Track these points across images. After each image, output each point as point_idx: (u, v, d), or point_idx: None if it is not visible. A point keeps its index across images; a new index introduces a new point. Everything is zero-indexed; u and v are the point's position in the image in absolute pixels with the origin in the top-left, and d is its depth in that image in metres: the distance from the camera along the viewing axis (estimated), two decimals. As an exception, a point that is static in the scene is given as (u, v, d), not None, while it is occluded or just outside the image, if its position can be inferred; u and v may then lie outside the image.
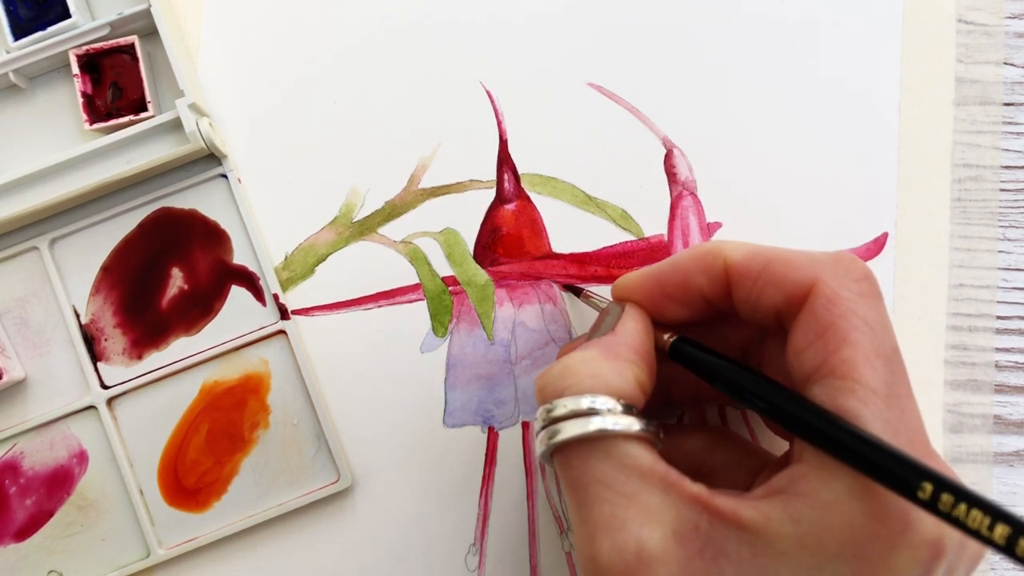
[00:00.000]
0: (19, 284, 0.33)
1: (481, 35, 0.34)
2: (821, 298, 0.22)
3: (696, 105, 0.33)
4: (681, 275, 0.25)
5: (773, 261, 0.24)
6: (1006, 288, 0.32)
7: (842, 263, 0.23)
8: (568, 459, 0.23)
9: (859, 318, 0.22)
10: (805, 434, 0.22)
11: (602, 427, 0.22)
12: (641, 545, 0.21)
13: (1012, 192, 0.33)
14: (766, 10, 0.33)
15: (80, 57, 0.32)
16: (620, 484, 0.22)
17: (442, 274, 0.33)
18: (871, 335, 0.22)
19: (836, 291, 0.22)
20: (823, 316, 0.22)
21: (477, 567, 0.32)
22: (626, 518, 0.21)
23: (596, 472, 0.22)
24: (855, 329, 0.22)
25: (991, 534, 0.18)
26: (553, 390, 0.23)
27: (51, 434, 0.33)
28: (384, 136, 0.34)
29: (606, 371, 0.23)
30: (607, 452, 0.22)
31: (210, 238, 0.33)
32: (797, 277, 0.23)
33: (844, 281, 0.23)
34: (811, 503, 0.21)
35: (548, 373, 0.24)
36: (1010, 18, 0.33)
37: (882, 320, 0.22)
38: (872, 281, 0.23)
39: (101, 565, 0.32)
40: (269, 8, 0.34)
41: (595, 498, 0.22)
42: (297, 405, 0.32)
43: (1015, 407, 0.32)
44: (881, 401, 0.21)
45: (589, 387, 0.23)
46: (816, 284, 0.23)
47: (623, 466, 0.22)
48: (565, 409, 0.23)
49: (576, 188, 0.33)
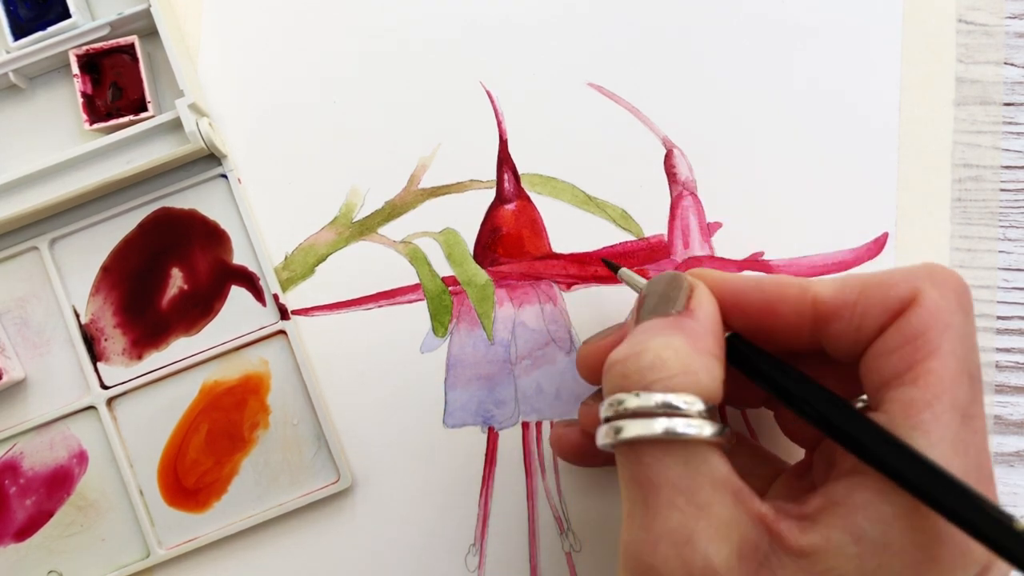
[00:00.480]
0: (19, 284, 0.33)
1: (481, 35, 0.34)
2: (920, 307, 0.21)
3: (696, 105, 0.33)
4: (764, 301, 0.24)
5: (867, 285, 0.23)
6: (1006, 288, 0.32)
7: (940, 274, 0.22)
8: (640, 455, 0.21)
9: (953, 331, 0.21)
10: (866, 455, 0.21)
11: (680, 430, 0.21)
12: (708, 561, 0.20)
13: (1012, 192, 0.33)
14: (766, 10, 0.33)
15: (80, 57, 0.32)
16: (693, 493, 0.21)
17: (442, 274, 0.33)
18: (961, 349, 0.21)
19: (937, 301, 0.21)
20: (917, 323, 0.21)
21: (477, 567, 0.32)
22: (695, 530, 0.20)
23: (670, 475, 0.21)
24: (947, 341, 0.21)
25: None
26: (639, 381, 0.21)
27: (51, 434, 0.33)
28: (384, 136, 0.34)
29: (698, 367, 0.22)
30: (685, 457, 0.21)
31: (210, 238, 0.33)
32: (898, 292, 0.22)
33: (944, 291, 0.22)
34: (871, 521, 0.20)
35: (633, 359, 0.22)
36: (1010, 18, 0.33)
37: (972, 336, 0.22)
38: (969, 294, 0.22)
39: (101, 565, 0.32)
40: (269, 8, 0.34)
41: (665, 503, 0.21)
42: (297, 405, 0.32)
43: (1015, 407, 0.32)
44: (957, 420, 0.20)
45: (679, 384, 0.21)
46: (918, 294, 0.22)
47: (699, 474, 0.21)
48: (651, 403, 0.21)
49: (576, 188, 0.33)
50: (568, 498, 0.32)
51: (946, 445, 0.20)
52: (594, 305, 0.33)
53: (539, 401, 0.32)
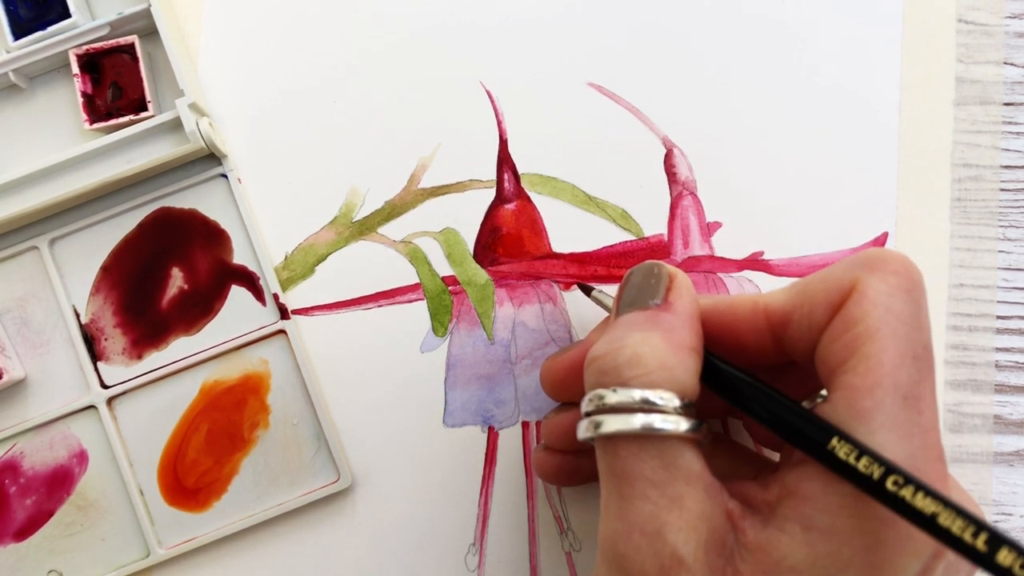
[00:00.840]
0: (19, 284, 0.33)
1: (481, 35, 0.34)
2: (858, 294, 0.22)
3: (696, 105, 0.33)
4: (721, 323, 0.24)
5: (810, 284, 0.23)
6: (1006, 288, 0.32)
7: (879, 258, 0.22)
8: (616, 448, 0.22)
9: (892, 314, 0.21)
10: (802, 444, 0.21)
11: (656, 425, 0.21)
12: (676, 551, 0.21)
13: (1012, 192, 0.33)
14: (766, 10, 0.33)
15: (80, 57, 0.32)
16: (666, 485, 0.21)
17: (442, 274, 0.33)
18: (903, 331, 0.21)
19: (875, 286, 0.21)
20: (856, 311, 0.21)
21: (477, 567, 0.32)
22: (666, 521, 0.21)
23: (645, 469, 0.22)
24: (885, 324, 0.21)
25: (974, 541, 0.18)
26: (616, 378, 0.22)
27: (51, 434, 0.33)
28: (384, 136, 0.34)
29: (674, 363, 0.22)
30: (660, 451, 0.22)
31: (210, 238, 0.33)
32: (838, 284, 0.22)
33: (882, 275, 0.22)
34: (818, 510, 0.21)
35: (611, 355, 0.22)
36: (1010, 18, 0.33)
37: (917, 315, 0.22)
38: (911, 274, 0.22)
39: (101, 565, 0.32)
40: (269, 8, 0.34)
41: (638, 495, 0.21)
42: (297, 405, 0.32)
43: (1015, 407, 0.32)
44: (898, 403, 0.20)
45: (656, 381, 0.22)
46: (857, 282, 0.22)
47: (673, 467, 0.21)
48: (622, 399, 0.22)
49: (576, 188, 0.33)
50: (568, 498, 0.32)
51: (887, 430, 0.20)
52: (594, 305, 0.33)
53: (539, 401, 0.32)
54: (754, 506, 0.22)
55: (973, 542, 0.18)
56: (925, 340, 0.22)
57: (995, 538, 0.18)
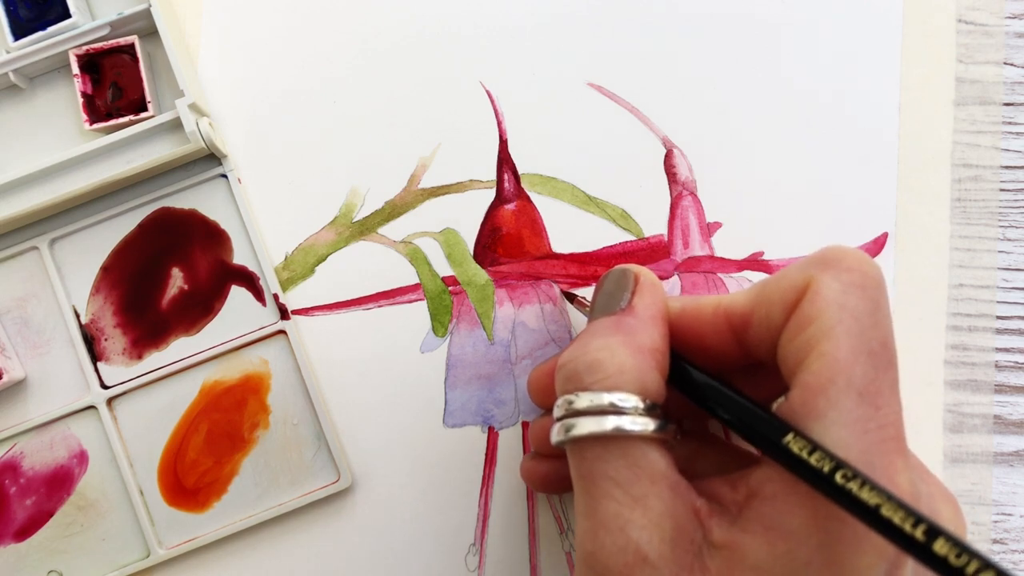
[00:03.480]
0: (19, 284, 0.33)
1: (481, 35, 0.34)
2: (811, 292, 0.22)
3: (696, 105, 0.33)
4: (686, 326, 0.25)
5: (766, 285, 0.23)
6: (1006, 288, 0.32)
7: (834, 256, 0.22)
8: (583, 451, 0.23)
9: (846, 311, 0.21)
10: (762, 445, 0.22)
11: (620, 426, 0.22)
12: (639, 548, 0.21)
13: (1012, 192, 0.33)
14: (766, 10, 0.33)
15: (80, 57, 0.32)
16: (630, 485, 0.22)
17: (442, 274, 0.33)
18: (857, 328, 0.21)
19: (828, 283, 0.22)
20: (810, 309, 0.22)
21: (477, 567, 0.32)
22: (630, 519, 0.21)
23: (608, 469, 0.22)
24: (839, 323, 0.21)
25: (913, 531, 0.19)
26: (578, 382, 0.23)
27: (51, 434, 0.33)
28: (384, 136, 0.34)
29: (632, 366, 0.23)
30: (623, 451, 0.22)
31: (210, 238, 0.33)
32: (792, 283, 0.22)
33: (835, 272, 0.22)
34: (778, 510, 0.21)
35: (573, 362, 0.23)
36: (1010, 18, 0.33)
37: (873, 311, 0.22)
38: (866, 270, 0.22)
39: (101, 565, 0.32)
40: (269, 8, 0.34)
41: (603, 494, 0.22)
42: (297, 405, 0.32)
43: (1015, 407, 0.32)
44: (852, 399, 0.21)
45: (615, 384, 0.22)
46: (810, 281, 0.22)
47: (637, 467, 0.22)
48: (587, 403, 0.22)
49: (576, 188, 0.33)
50: (568, 499, 0.32)
51: (841, 426, 0.20)
52: (594, 305, 0.33)
53: (539, 401, 0.32)
54: (723, 504, 0.22)
55: (912, 532, 0.19)
56: (882, 336, 0.22)
57: (932, 529, 0.18)
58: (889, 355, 0.22)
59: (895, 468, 0.21)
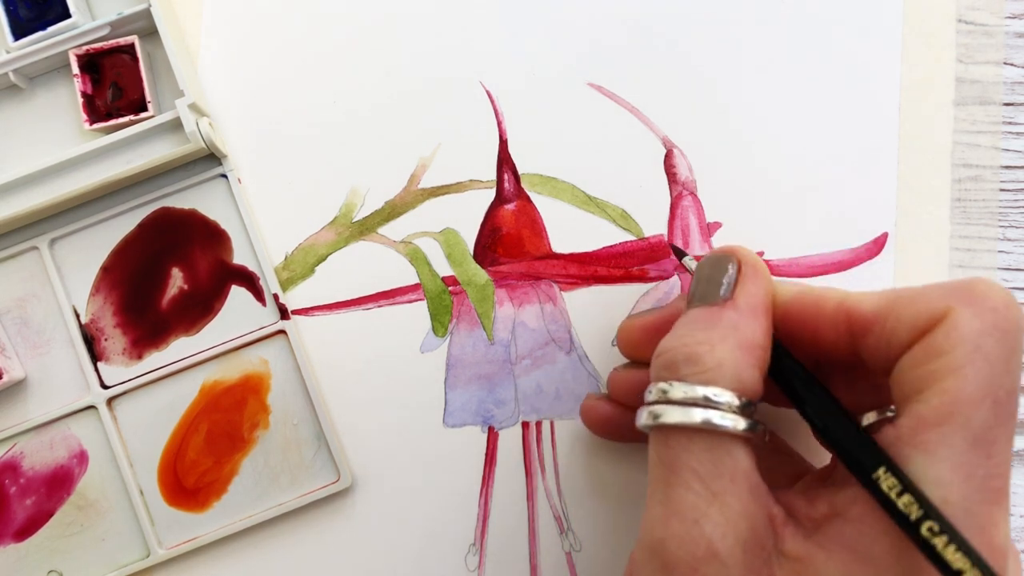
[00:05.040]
0: (19, 284, 0.33)
1: (481, 35, 0.34)
2: (947, 325, 0.21)
3: (696, 105, 0.33)
4: (804, 313, 0.24)
5: (900, 300, 0.22)
6: (1006, 288, 0.32)
7: (979, 290, 0.21)
8: (667, 438, 0.22)
9: (981, 353, 0.20)
10: (852, 469, 0.22)
11: (709, 420, 0.22)
12: (712, 544, 0.21)
13: (1012, 192, 0.33)
14: (766, 10, 0.33)
15: (80, 57, 0.32)
16: (711, 479, 0.22)
17: (442, 274, 0.33)
18: (988, 373, 0.20)
19: (968, 321, 0.21)
20: (943, 342, 0.21)
21: (477, 567, 0.32)
22: (707, 513, 0.21)
23: (691, 460, 0.22)
24: (971, 363, 0.20)
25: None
26: (674, 372, 0.23)
27: (51, 434, 0.33)
28: (384, 136, 0.34)
29: (731, 362, 0.22)
30: (709, 445, 0.22)
31: (210, 238, 0.33)
32: (928, 309, 0.21)
33: (979, 310, 0.21)
34: (862, 534, 0.21)
35: (672, 352, 0.23)
36: (1010, 18, 0.33)
37: (1008, 358, 0.21)
38: (1011, 312, 0.21)
39: (101, 565, 0.32)
40: (269, 8, 0.34)
41: (682, 483, 0.22)
42: (297, 405, 0.32)
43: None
44: (966, 442, 0.20)
45: (711, 379, 0.22)
46: (949, 312, 0.21)
47: (720, 463, 0.22)
48: (681, 394, 0.22)
49: (576, 188, 0.33)
50: (568, 498, 0.32)
51: (947, 466, 0.20)
52: (594, 305, 0.33)
53: (539, 401, 0.32)
54: (797, 517, 0.22)
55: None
56: (1011, 385, 0.21)
57: None
58: (1013, 406, 0.21)
59: (993, 521, 0.20)
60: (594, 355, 0.32)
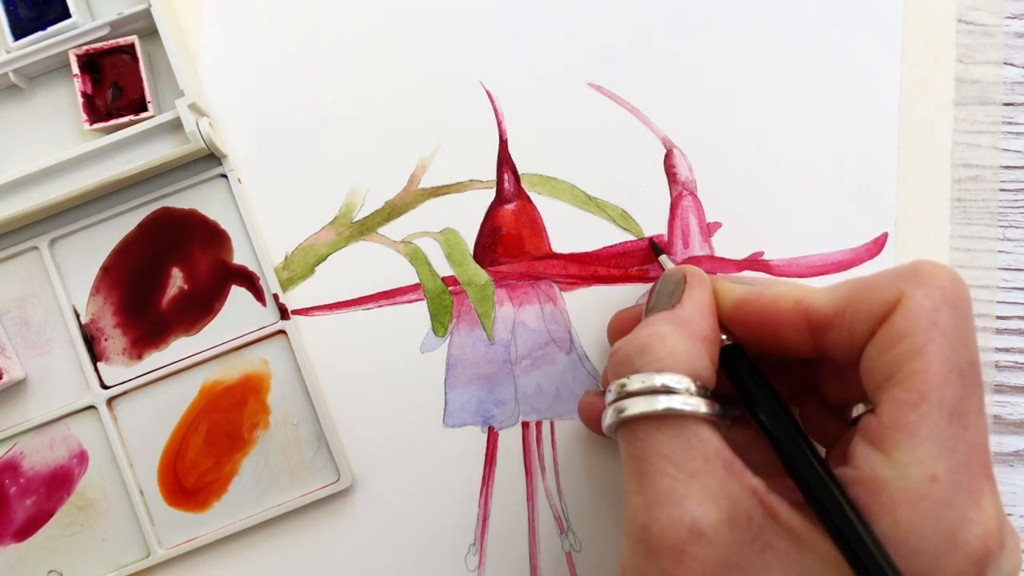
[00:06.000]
0: (19, 284, 0.33)
1: (481, 35, 0.34)
2: (903, 308, 0.22)
3: (696, 105, 0.33)
4: (762, 314, 0.25)
5: (855, 291, 0.23)
6: (1006, 288, 0.32)
7: (926, 272, 0.22)
8: (635, 432, 0.23)
9: (938, 329, 0.21)
10: (810, 502, 0.22)
11: (672, 406, 0.22)
12: (696, 521, 0.21)
13: (1012, 192, 0.33)
14: (766, 10, 0.33)
15: (80, 57, 0.32)
16: (684, 462, 0.22)
17: (442, 274, 0.33)
18: (948, 346, 0.21)
19: (920, 301, 0.22)
20: (901, 325, 0.22)
21: (477, 567, 0.32)
22: (686, 493, 0.22)
23: (662, 447, 0.22)
24: (931, 341, 0.21)
25: None
26: (629, 366, 0.23)
27: (51, 434, 0.33)
28: (384, 136, 0.34)
29: (683, 349, 0.23)
30: (676, 430, 0.22)
31: (210, 238, 0.33)
32: (882, 296, 0.22)
33: (929, 289, 0.22)
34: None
35: (625, 347, 0.24)
36: (1010, 18, 0.33)
37: (963, 330, 0.22)
38: (957, 288, 0.22)
39: (101, 565, 0.32)
40: (269, 8, 0.34)
41: (657, 471, 0.22)
42: (297, 405, 0.32)
43: (1015, 407, 0.32)
44: (944, 418, 0.21)
45: (667, 365, 0.23)
46: (902, 296, 0.22)
47: (690, 445, 0.22)
48: (639, 385, 0.23)
49: (576, 188, 0.33)
50: (568, 498, 0.32)
51: (931, 444, 0.21)
52: (594, 305, 0.33)
53: (539, 401, 0.32)
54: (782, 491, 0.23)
55: None
56: (971, 356, 0.22)
57: None
58: (976, 375, 0.22)
59: (982, 492, 0.21)
60: (594, 355, 0.32)
